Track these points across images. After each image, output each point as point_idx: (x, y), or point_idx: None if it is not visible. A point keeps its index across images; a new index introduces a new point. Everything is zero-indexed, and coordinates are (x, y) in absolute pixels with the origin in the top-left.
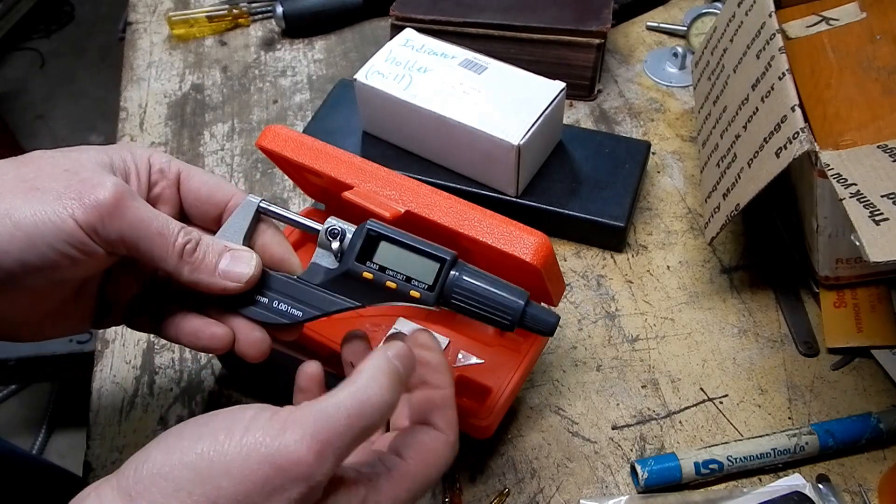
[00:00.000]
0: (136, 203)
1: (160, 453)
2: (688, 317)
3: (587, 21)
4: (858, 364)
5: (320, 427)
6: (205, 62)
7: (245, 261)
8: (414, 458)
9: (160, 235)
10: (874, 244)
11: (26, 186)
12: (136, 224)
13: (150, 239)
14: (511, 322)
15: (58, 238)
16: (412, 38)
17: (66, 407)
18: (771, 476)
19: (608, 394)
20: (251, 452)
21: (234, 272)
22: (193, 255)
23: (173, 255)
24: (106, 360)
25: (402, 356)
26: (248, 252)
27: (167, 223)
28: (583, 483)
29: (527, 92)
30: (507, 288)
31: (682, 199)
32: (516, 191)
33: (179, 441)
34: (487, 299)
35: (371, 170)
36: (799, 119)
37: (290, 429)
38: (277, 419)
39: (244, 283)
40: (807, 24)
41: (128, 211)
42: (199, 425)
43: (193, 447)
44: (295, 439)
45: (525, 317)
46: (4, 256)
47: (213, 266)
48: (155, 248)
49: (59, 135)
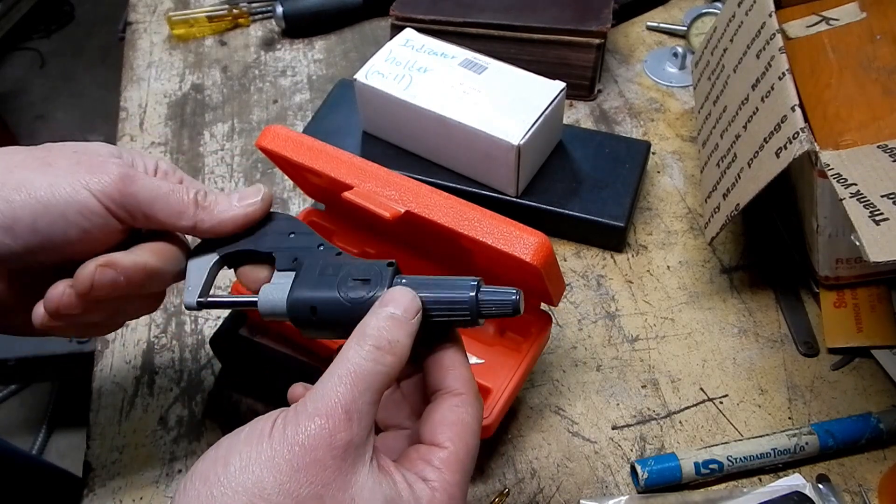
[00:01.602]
0: (143, 175)
1: (199, 481)
2: (688, 317)
3: (587, 21)
4: (858, 364)
5: (335, 398)
6: (205, 62)
7: (253, 190)
8: (448, 437)
9: (173, 192)
10: (874, 244)
11: (39, 163)
12: (149, 189)
13: (166, 198)
14: (470, 314)
15: (71, 207)
16: (412, 38)
17: (66, 407)
18: (771, 476)
19: (608, 394)
20: (283, 451)
21: (249, 199)
22: (207, 200)
23: (191, 206)
24: (106, 360)
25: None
26: (251, 187)
27: (174, 187)
28: (583, 483)
29: (527, 92)
30: (451, 283)
31: (682, 199)
32: (516, 191)
33: (214, 465)
34: (437, 302)
35: (371, 170)
36: (799, 119)
37: (310, 412)
38: (292, 412)
39: (261, 198)
40: (807, 24)
41: (139, 181)
42: (226, 447)
43: (227, 468)
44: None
45: (481, 305)
46: (18, 223)
47: (229, 202)
48: (172, 204)
49: (59, 135)
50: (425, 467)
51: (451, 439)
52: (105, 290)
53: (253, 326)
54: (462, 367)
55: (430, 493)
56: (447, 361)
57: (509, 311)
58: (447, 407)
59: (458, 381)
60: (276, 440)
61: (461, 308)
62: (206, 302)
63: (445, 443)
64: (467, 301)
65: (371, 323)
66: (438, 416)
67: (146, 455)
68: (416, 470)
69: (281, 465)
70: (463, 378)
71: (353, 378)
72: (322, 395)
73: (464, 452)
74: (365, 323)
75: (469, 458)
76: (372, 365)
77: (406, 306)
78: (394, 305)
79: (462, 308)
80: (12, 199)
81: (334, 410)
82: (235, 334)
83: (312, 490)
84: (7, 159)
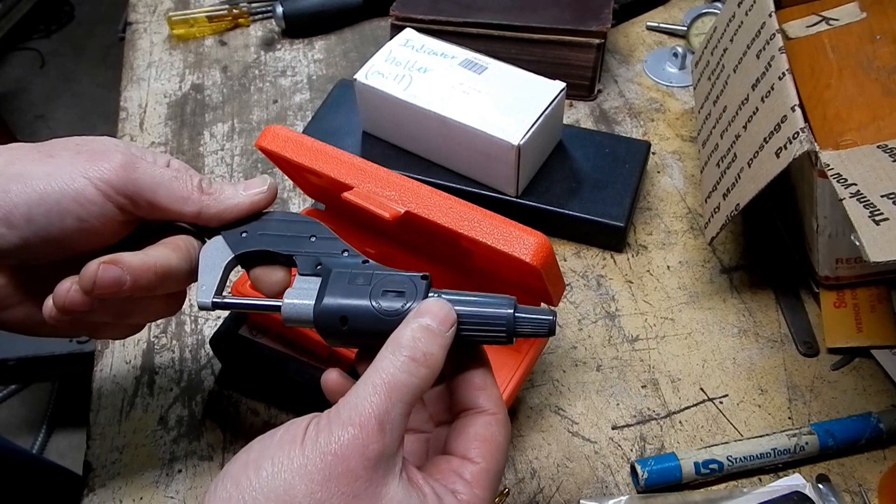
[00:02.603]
0: (146, 163)
1: (230, 483)
2: (688, 317)
3: (587, 21)
4: (858, 364)
5: (369, 408)
6: (205, 62)
7: (258, 180)
8: (481, 454)
9: (177, 179)
10: (874, 244)
11: (40, 155)
12: (152, 174)
13: (169, 184)
14: (507, 333)
15: (66, 196)
16: (412, 38)
17: (66, 407)
18: (771, 476)
19: (608, 394)
20: (315, 459)
21: (255, 188)
22: (213, 188)
23: (195, 192)
24: (106, 360)
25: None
26: (256, 178)
27: (177, 174)
28: (583, 483)
29: (527, 92)
30: (488, 300)
31: (682, 199)
32: (516, 191)
33: (246, 469)
34: (474, 318)
35: (371, 170)
36: (799, 119)
37: (344, 421)
38: (325, 418)
39: (267, 188)
40: (807, 24)
41: (140, 166)
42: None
43: (258, 473)
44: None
45: (517, 324)
46: (13, 214)
47: (234, 190)
48: (176, 190)
49: (59, 135)
50: (457, 480)
51: (484, 456)
52: (109, 289)
53: (253, 326)
54: (493, 387)
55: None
56: (478, 381)
57: (545, 331)
58: (481, 424)
59: (491, 401)
60: (309, 447)
61: (498, 326)
62: (222, 303)
63: (478, 458)
64: (505, 319)
65: (406, 334)
66: (472, 431)
67: (146, 455)
68: (447, 482)
69: (313, 474)
70: (495, 398)
71: (387, 389)
72: (356, 404)
73: (495, 470)
74: (400, 333)
75: (498, 477)
76: (406, 377)
77: (442, 318)
78: (430, 317)
79: (499, 326)
80: (9, 189)
81: (368, 421)
82: (235, 334)
83: (343, 500)
84: (9, 154)
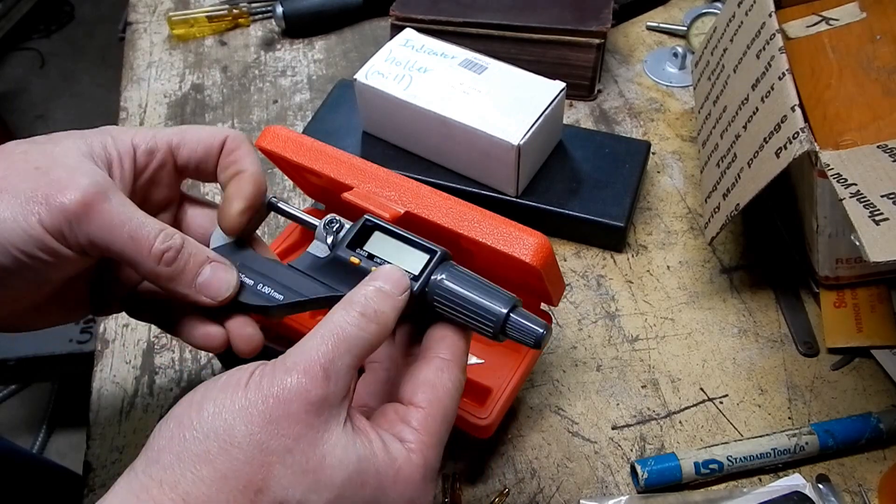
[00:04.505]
0: (108, 205)
1: (174, 423)
2: (688, 317)
3: (587, 21)
4: (858, 364)
5: (314, 355)
6: (205, 62)
7: (224, 282)
8: (426, 398)
9: (132, 240)
10: (874, 244)
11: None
12: (108, 228)
13: (122, 244)
14: (493, 330)
15: (25, 242)
16: (412, 38)
17: (66, 407)
18: (771, 476)
19: (608, 394)
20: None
21: (213, 288)
22: (172, 265)
23: (149, 261)
24: (106, 360)
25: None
26: (228, 270)
27: (141, 227)
28: (583, 483)
29: (527, 92)
30: (492, 292)
31: (682, 199)
32: (516, 191)
33: (188, 410)
34: (467, 303)
35: (371, 170)
36: (799, 119)
37: (288, 367)
38: (270, 365)
39: (218, 301)
40: (807, 24)
41: (96, 214)
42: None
43: (200, 413)
44: (298, 377)
45: (507, 325)
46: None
47: (192, 278)
48: (128, 253)
49: None
50: (403, 428)
51: (430, 401)
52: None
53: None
54: (456, 338)
55: (406, 454)
56: (443, 333)
57: (530, 342)
58: (430, 369)
59: (448, 349)
60: (252, 390)
61: (488, 320)
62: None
63: (422, 403)
64: (496, 316)
65: (359, 292)
66: (421, 376)
67: None
68: (394, 431)
69: (253, 415)
70: (453, 347)
71: (335, 339)
72: (302, 351)
73: (441, 415)
74: (353, 293)
75: (445, 423)
76: (356, 330)
77: (395, 282)
78: (383, 280)
79: (489, 320)
80: None
81: (312, 367)
82: None
83: (283, 442)
84: None
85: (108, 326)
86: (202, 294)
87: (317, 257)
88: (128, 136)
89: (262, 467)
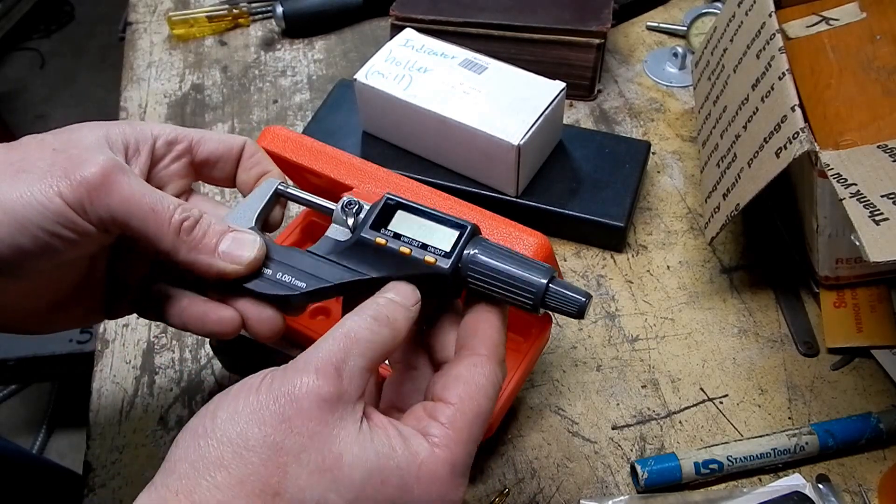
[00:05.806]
0: (128, 178)
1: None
2: (688, 317)
3: (587, 21)
4: (858, 364)
5: (326, 355)
6: (205, 62)
7: (248, 244)
8: (457, 394)
9: (153, 212)
10: (874, 244)
11: (13, 170)
12: (127, 199)
13: (143, 215)
14: (533, 302)
15: (46, 218)
16: (412, 38)
17: (66, 407)
18: (771, 476)
19: (608, 394)
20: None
21: (235, 254)
22: (192, 233)
23: (169, 232)
24: (106, 360)
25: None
26: (251, 235)
27: (161, 199)
28: (583, 483)
29: (527, 92)
30: (528, 264)
31: (682, 199)
32: (516, 191)
33: (203, 419)
34: (504, 275)
35: (371, 170)
36: (799, 119)
37: (300, 368)
38: (281, 369)
39: (244, 265)
40: (807, 24)
41: (117, 186)
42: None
43: (214, 421)
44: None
45: (547, 295)
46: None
47: (213, 246)
48: (149, 225)
49: None
50: (430, 423)
51: (462, 397)
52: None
53: None
54: (493, 329)
55: (430, 448)
56: (479, 322)
57: (573, 311)
58: (464, 365)
59: (484, 343)
60: (263, 393)
61: (528, 292)
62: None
63: (453, 399)
64: (536, 287)
65: (371, 302)
66: (454, 372)
67: (146, 455)
68: (420, 427)
69: (266, 417)
70: (490, 340)
71: (347, 340)
72: (314, 353)
73: (473, 413)
74: (366, 302)
75: (478, 421)
76: (368, 333)
77: (406, 295)
78: (394, 293)
79: (528, 292)
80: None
81: (325, 366)
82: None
83: (297, 441)
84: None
85: (108, 326)
86: (227, 261)
87: (338, 241)
88: (148, 126)
89: (277, 469)
